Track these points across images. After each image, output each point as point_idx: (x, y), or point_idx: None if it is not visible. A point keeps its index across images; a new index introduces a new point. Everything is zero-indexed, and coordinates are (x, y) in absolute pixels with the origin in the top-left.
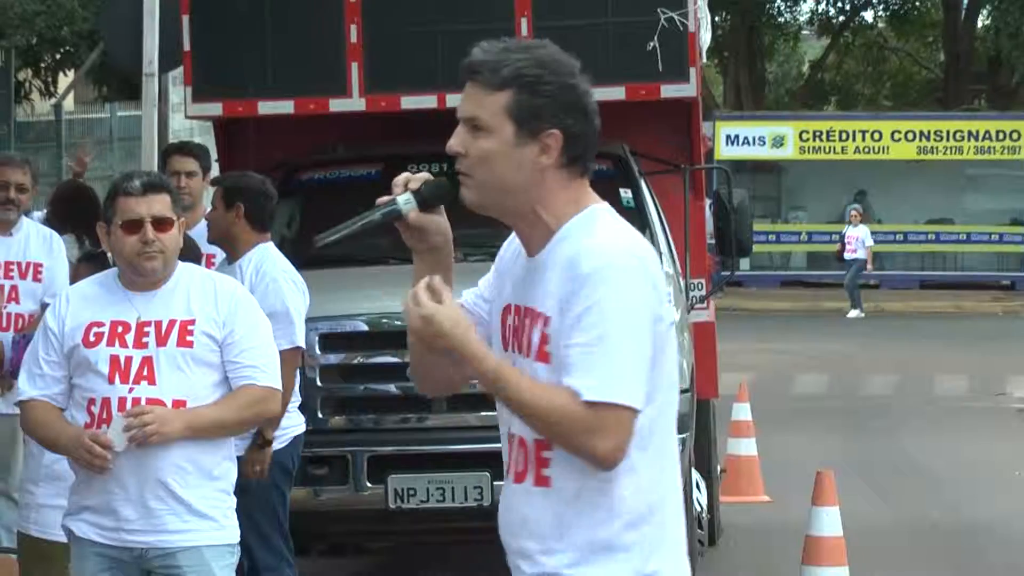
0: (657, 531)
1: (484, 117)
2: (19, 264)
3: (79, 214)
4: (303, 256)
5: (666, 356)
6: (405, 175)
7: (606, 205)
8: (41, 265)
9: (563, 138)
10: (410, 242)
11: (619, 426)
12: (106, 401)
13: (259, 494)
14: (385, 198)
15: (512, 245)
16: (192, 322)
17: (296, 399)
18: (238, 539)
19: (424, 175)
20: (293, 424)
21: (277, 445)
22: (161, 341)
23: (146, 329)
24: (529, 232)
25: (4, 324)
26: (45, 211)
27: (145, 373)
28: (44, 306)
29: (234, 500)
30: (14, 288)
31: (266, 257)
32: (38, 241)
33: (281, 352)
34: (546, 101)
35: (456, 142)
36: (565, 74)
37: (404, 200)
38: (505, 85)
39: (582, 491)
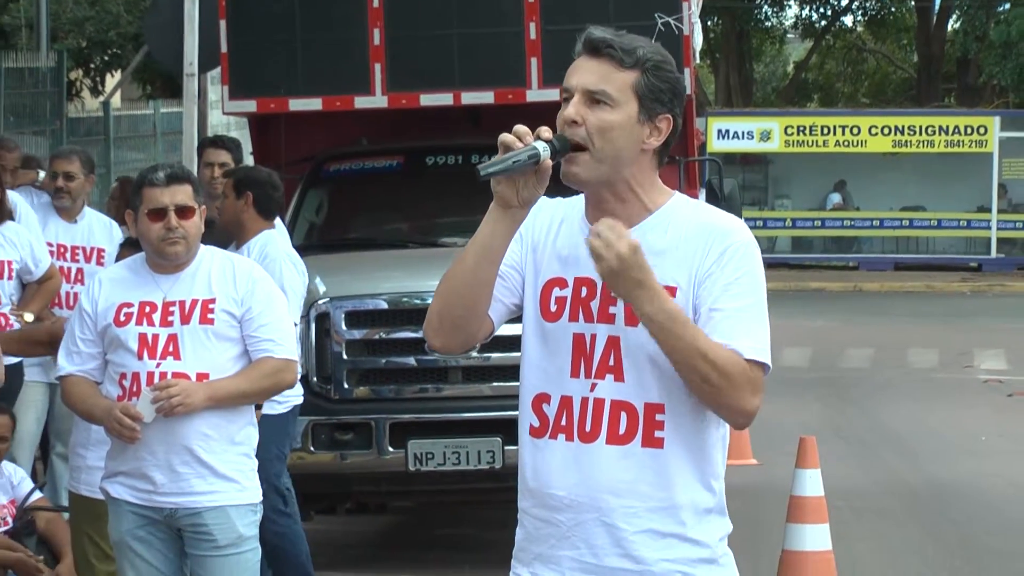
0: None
1: (611, 91)
2: (84, 249)
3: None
4: (329, 241)
5: None
6: (523, 127)
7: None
8: (104, 250)
9: (672, 123)
10: (511, 195)
11: (762, 385)
12: (136, 375)
13: (262, 448)
14: (518, 143)
15: (541, 220)
16: (213, 301)
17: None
18: (260, 499)
19: (549, 129)
20: (294, 394)
21: (279, 410)
22: (185, 319)
23: (171, 308)
24: (617, 207)
25: (70, 304)
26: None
27: (171, 349)
28: None
29: (255, 463)
30: (80, 271)
31: (270, 241)
32: (100, 228)
33: None
34: (667, 87)
35: (574, 111)
36: (675, 67)
37: (543, 147)
38: (636, 65)
39: (690, 454)
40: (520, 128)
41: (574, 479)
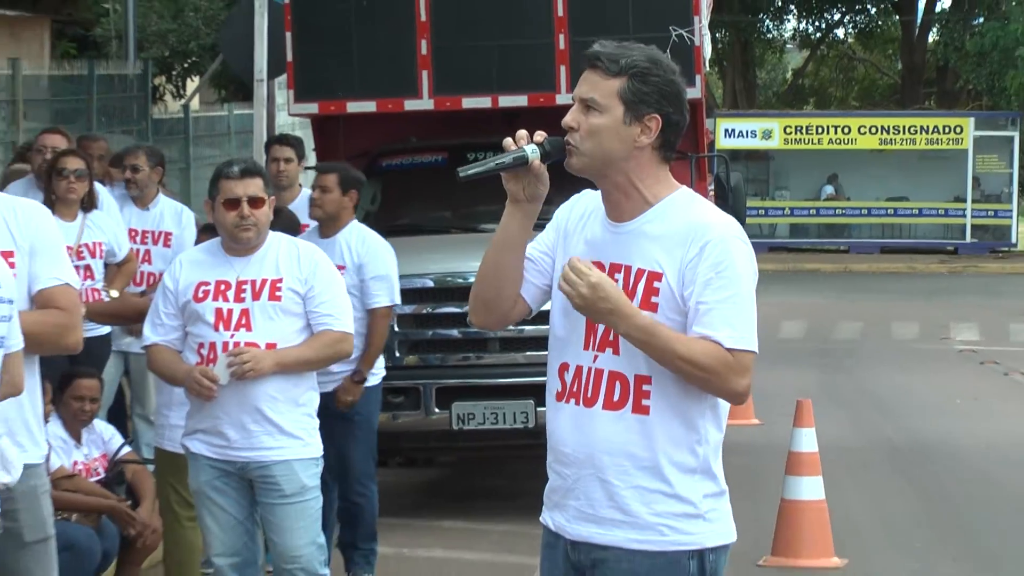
0: (719, 457)
1: (598, 98)
2: (153, 232)
3: None
4: (383, 227)
5: None
6: (524, 131)
7: (690, 191)
8: (171, 234)
9: (662, 123)
10: (517, 191)
11: (749, 367)
12: (212, 345)
13: (367, 420)
14: (512, 146)
15: (576, 209)
16: (280, 280)
17: None
18: (321, 453)
19: (543, 134)
20: (380, 367)
21: (375, 382)
22: (256, 296)
23: (244, 287)
24: (622, 200)
25: (138, 280)
26: None
27: (243, 322)
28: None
29: (316, 422)
30: (148, 252)
31: (363, 230)
32: (170, 214)
33: (384, 308)
34: (652, 90)
35: (571, 118)
36: (668, 71)
37: (531, 150)
38: (621, 73)
39: (674, 421)
40: (520, 132)
41: (577, 439)
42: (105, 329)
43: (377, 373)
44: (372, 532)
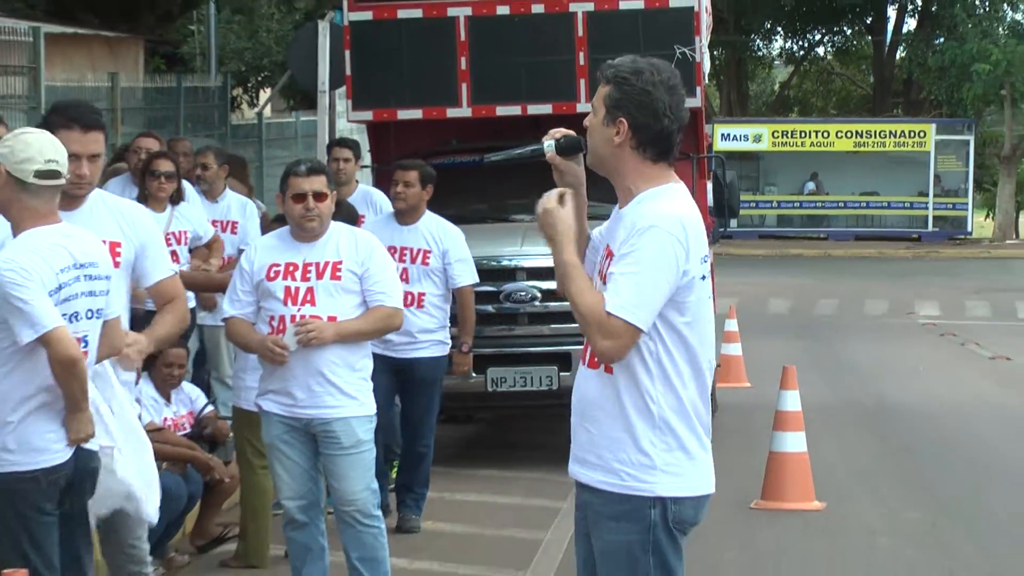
0: (688, 424)
1: (594, 102)
2: (221, 222)
3: None
4: None
5: (694, 295)
6: (554, 130)
7: (681, 185)
8: (236, 223)
9: (628, 126)
10: (559, 181)
11: (622, 334)
12: (282, 318)
13: (437, 384)
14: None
15: (613, 211)
16: (340, 263)
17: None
18: (374, 411)
19: (564, 130)
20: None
21: (442, 352)
22: (319, 276)
23: (309, 268)
24: (620, 191)
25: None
26: None
27: (308, 298)
28: (240, 252)
29: (370, 384)
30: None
31: (438, 219)
32: (236, 206)
33: (469, 286)
34: (623, 97)
35: (586, 119)
36: (647, 83)
37: (548, 145)
38: (608, 81)
39: (628, 380)
40: (552, 130)
41: (576, 393)
42: (191, 304)
43: (446, 343)
44: (426, 479)
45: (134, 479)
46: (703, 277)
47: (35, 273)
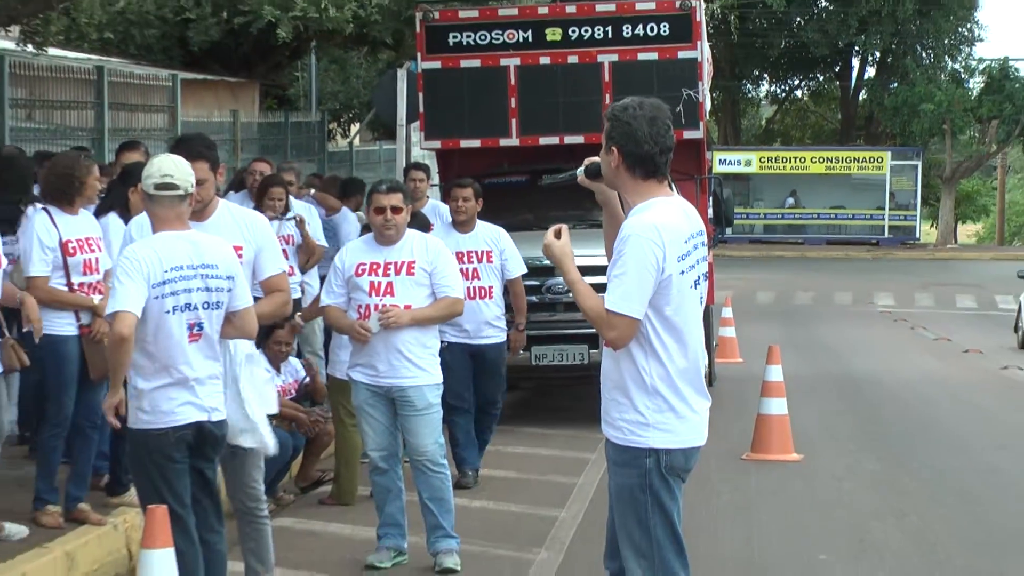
0: (676, 391)
1: (603, 140)
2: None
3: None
4: None
5: (675, 287)
6: (588, 158)
7: (665, 199)
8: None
9: (618, 153)
10: (597, 197)
11: (621, 325)
12: (367, 306)
13: (503, 360)
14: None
15: None
16: (414, 262)
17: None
18: (440, 380)
19: (592, 158)
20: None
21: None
22: (397, 272)
23: (389, 266)
24: (626, 208)
25: (302, 257)
26: None
27: (388, 290)
28: (321, 249)
29: (438, 359)
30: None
31: (489, 225)
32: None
33: (520, 276)
34: (610, 129)
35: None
36: (630, 116)
37: (580, 170)
38: (606, 118)
39: (627, 357)
40: (586, 159)
41: (601, 369)
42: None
43: (505, 329)
44: (489, 438)
45: (261, 421)
46: (682, 272)
47: (142, 264)
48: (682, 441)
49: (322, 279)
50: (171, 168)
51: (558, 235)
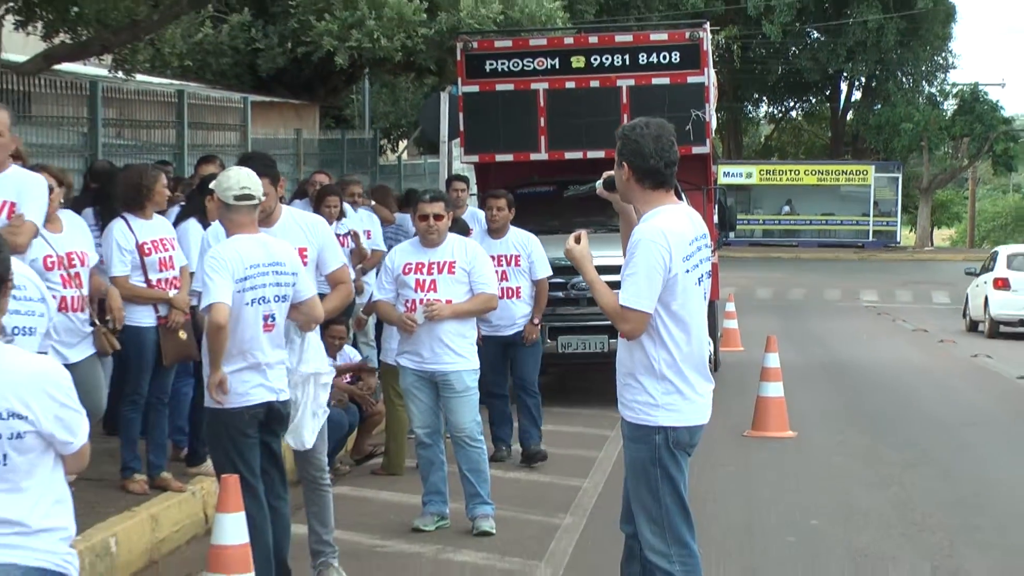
0: (682, 376)
1: (614, 156)
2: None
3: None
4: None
5: (681, 285)
6: (607, 171)
7: (672, 206)
8: (369, 232)
9: (628, 168)
10: (616, 208)
11: (634, 319)
12: (413, 301)
13: (539, 349)
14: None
15: None
16: (454, 262)
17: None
18: (478, 366)
19: (609, 172)
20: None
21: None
22: (439, 271)
23: (432, 266)
24: (637, 216)
25: (355, 260)
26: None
27: (432, 287)
28: (374, 253)
29: (475, 348)
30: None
31: (521, 231)
32: (365, 222)
33: (545, 278)
34: (620, 148)
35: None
36: (637, 135)
37: (598, 183)
38: (617, 138)
39: (638, 347)
40: (604, 172)
41: (617, 357)
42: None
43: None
44: (541, 412)
45: (306, 429)
46: (687, 271)
47: (227, 263)
48: (687, 420)
49: None
50: (248, 181)
51: (578, 240)
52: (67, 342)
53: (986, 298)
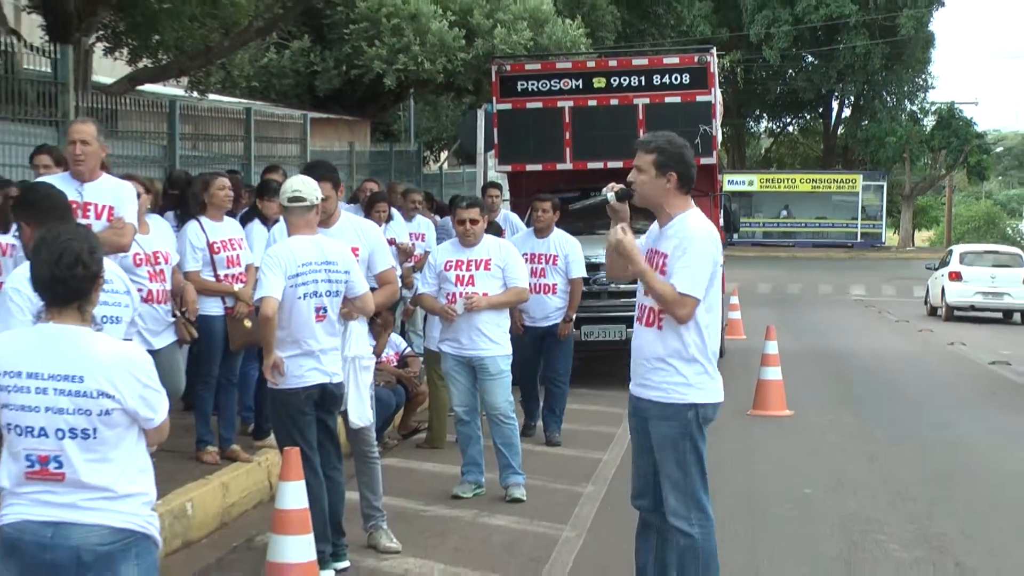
0: (708, 359)
1: (641, 164)
2: (418, 234)
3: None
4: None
5: (717, 278)
6: (611, 184)
7: (697, 209)
8: (424, 235)
9: (676, 176)
10: (613, 216)
11: (690, 305)
12: (454, 294)
13: (571, 341)
14: (607, 191)
15: (652, 227)
16: (490, 260)
17: None
18: (511, 351)
19: (616, 184)
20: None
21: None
22: (476, 268)
23: (470, 263)
24: (661, 217)
25: (402, 259)
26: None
27: (470, 282)
28: (425, 254)
29: (508, 336)
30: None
31: (562, 233)
32: (425, 225)
33: (580, 278)
34: (667, 159)
35: (631, 176)
36: (680, 147)
37: (611, 196)
38: (652, 151)
39: (672, 334)
40: (610, 184)
41: (636, 343)
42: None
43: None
44: (563, 407)
45: (353, 406)
46: (720, 266)
47: (281, 260)
48: (713, 397)
49: None
50: (300, 185)
51: (626, 232)
52: (153, 330)
53: (943, 288)
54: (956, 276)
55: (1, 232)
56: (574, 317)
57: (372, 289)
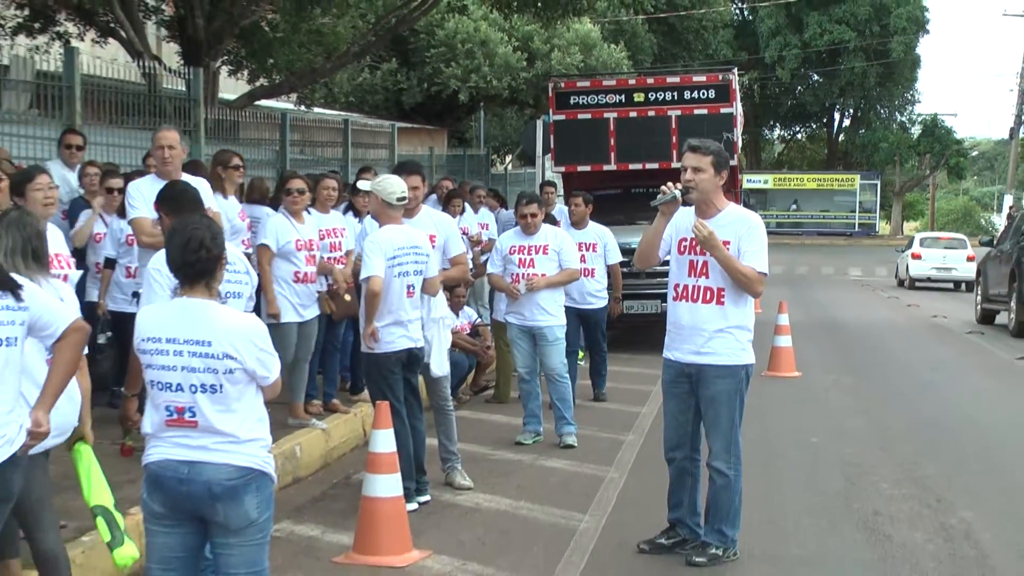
0: (752, 329)
1: (701, 165)
2: (480, 223)
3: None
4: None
5: None
6: (668, 184)
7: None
8: (487, 224)
9: (725, 175)
10: (667, 211)
11: (763, 281)
12: (517, 275)
13: (604, 318)
14: (667, 190)
15: (683, 217)
16: (547, 246)
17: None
18: (565, 322)
19: (671, 186)
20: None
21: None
22: (536, 252)
23: (531, 248)
24: (708, 210)
25: (472, 245)
26: None
27: (531, 264)
28: (490, 240)
29: (563, 309)
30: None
31: (597, 225)
32: (485, 217)
33: (616, 264)
34: (721, 161)
35: (688, 176)
36: (725, 152)
37: (677, 193)
38: (710, 153)
39: (732, 308)
40: (668, 184)
41: (689, 318)
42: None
43: (605, 298)
44: (605, 371)
45: (435, 356)
46: None
47: (380, 246)
48: (754, 359)
49: None
50: (403, 188)
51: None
52: (306, 304)
53: (907, 265)
54: (917, 256)
55: (119, 217)
56: (621, 296)
57: (444, 269)
